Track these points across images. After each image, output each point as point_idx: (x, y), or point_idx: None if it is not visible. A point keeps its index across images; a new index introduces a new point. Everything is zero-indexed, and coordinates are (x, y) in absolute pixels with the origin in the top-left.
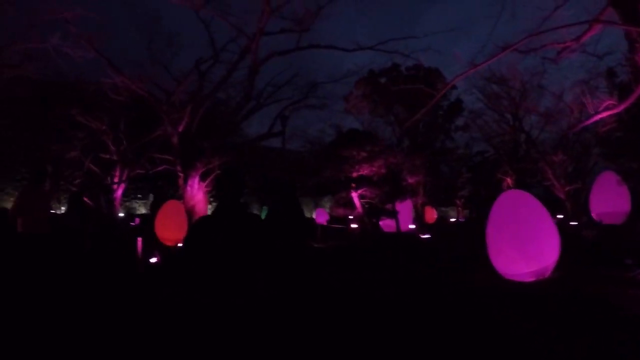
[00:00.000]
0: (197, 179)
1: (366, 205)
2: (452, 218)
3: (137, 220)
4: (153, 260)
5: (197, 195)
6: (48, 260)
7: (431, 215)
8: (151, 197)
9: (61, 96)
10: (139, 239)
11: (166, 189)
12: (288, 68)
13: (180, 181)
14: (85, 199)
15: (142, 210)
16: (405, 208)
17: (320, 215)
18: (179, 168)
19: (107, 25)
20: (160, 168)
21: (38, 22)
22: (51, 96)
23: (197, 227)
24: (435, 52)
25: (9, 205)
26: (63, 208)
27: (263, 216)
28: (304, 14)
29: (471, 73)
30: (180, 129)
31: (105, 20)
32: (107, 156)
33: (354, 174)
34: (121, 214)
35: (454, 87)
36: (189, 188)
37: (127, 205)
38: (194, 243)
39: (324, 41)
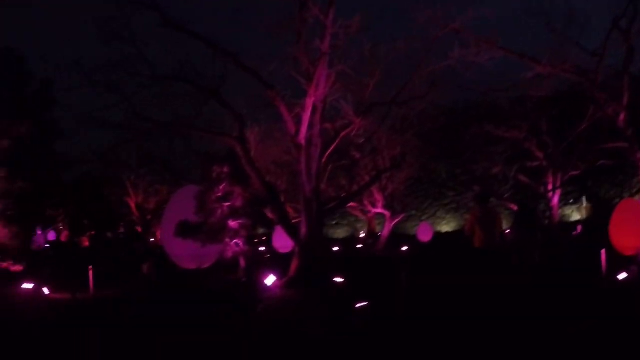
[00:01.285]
0: None
1: None
2: None
3: (579, 228)
4: (622, 275)
5: None
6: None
7: None
8: (584, 200)
9: (473, 114)
10: (602, 251)
11: (602, 189)
12: None
13: None
14: (516, 209)
15: (576, 217)
16: None
17: None
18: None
19: (499, 19)
20: (599, 163)
21: (433, 44)
22: (463, 117)
23: None
24: None
25: (442, 228)
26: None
27: None
28: None
29: None
30: (625, 102)
31: (495, 15)
32: (535, 164)
33: None
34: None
35: None
36: None
37: (559, 213)
38: None
39: None
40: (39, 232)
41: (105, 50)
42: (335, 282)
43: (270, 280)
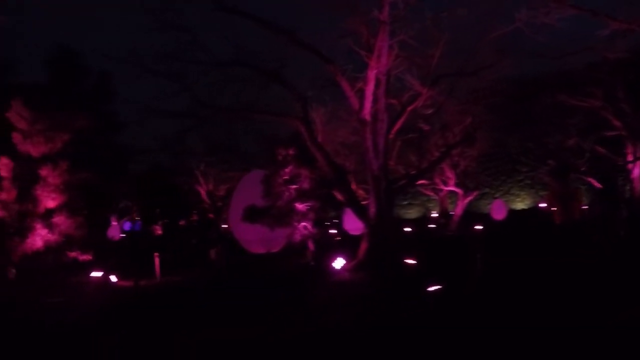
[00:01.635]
0: None
1: None
2: None
3: None
4: None
5: None
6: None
7: None
8: None
9: (545, 84)
10: None
11: None
12: None
13: None
14: (598, 184)
15: None
16: None
17: None
18: None
19: None
20: None
21: (499, 6)
22: (534, 87)
23: None
24: None
25: (517, 205)
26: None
27: None
28: None
29: None
30: None
31: None
32: (613, 133)
33: None
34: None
35: None
36: None
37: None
38: None
39: None
40: (114, 223)
41: (161, 40)
42: (407, 264)
43: (339, 263)
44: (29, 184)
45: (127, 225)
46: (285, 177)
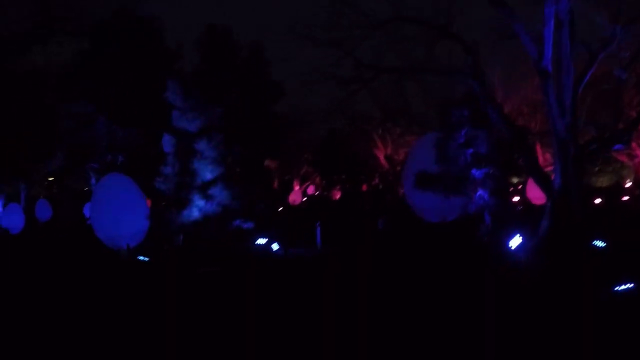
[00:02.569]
0: None
1: None
2: None
3: None
4: None
5: None
6: None
7: None
8: None
9: None
10: None
11: None
12: None
13: None
14: None
15: None
16: None
17: None
18: None
19: None
20: None
21: None
22: None
23: None
24: None
25: None
26: None
27: None
28: None
29: None
30: None
31: None
32: None
33: None
34: None
35: None
36: None
37: None
38: None
39: None
40: (297, 188)
41: (318, 7)
42: (595, 247)
43: (515, 242)
44: (188, 157)
45: (310, 190)
46: (460, 141)
